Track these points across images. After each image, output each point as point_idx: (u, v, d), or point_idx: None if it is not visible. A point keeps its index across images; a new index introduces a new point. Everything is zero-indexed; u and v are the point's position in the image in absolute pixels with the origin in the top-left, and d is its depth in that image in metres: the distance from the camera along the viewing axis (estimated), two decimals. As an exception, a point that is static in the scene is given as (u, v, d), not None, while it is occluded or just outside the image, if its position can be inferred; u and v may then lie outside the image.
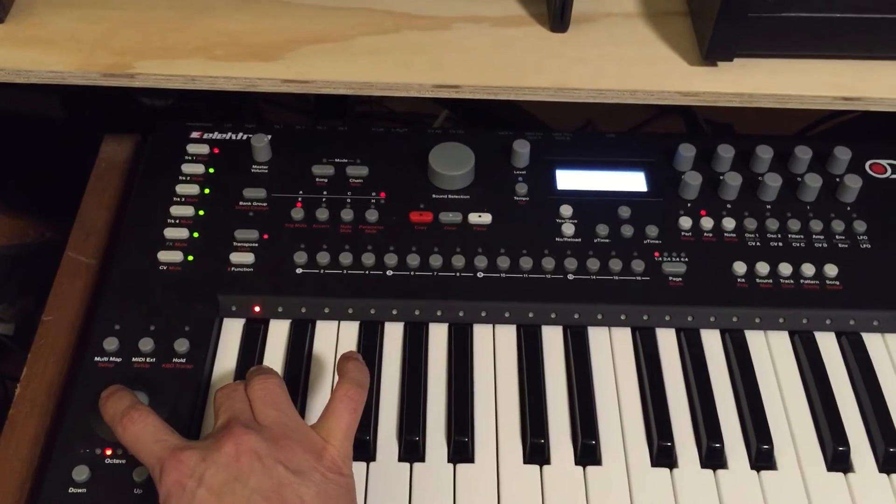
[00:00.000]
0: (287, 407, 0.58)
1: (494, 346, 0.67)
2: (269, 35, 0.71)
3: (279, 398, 0.58)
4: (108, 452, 0.60)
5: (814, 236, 0.71)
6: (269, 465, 0.53)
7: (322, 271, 0.69)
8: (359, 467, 0.61)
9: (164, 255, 0.69)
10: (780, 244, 0.71)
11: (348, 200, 0.73)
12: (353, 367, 0.60)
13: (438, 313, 0.68)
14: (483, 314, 0.68)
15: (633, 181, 0.75)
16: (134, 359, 0.64)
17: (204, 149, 0.76)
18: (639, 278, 0.69)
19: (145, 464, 0.55)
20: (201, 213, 0.72)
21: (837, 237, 0.71)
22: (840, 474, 0.61)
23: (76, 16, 0.72)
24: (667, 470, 0.61)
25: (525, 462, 0.62)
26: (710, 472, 0.61)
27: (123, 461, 0.59)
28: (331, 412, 0.57)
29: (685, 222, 0.72)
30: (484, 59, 0.70)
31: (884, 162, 0.76)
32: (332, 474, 0.54)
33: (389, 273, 0.69)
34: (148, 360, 0.64)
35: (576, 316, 0.68)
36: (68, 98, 0.95)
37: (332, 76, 0.68)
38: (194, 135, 0.77)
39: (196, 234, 0.70)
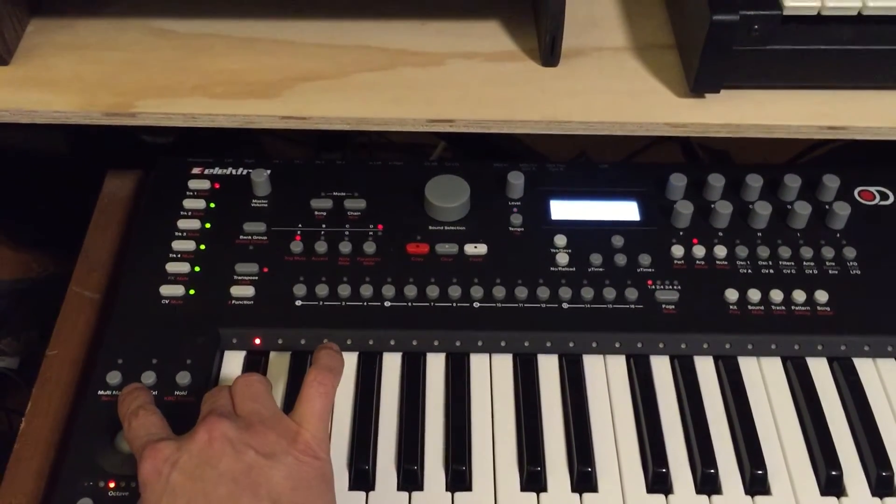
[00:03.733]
0: (266, 399, 0.59)
1: (491, 374, 0.68)
2: (267, 73, 0.73)
3: (259, 392, 0.60)
4: (112, 485, 0.61)
5: (804, 263, 0.72)
6: (240, 450, 0.54)
7: (321, 303, 0.70)
8: (358, 497, 0.62)
9: (166, 289, 0.70)
10: (772, 271, 0.72)
11: (346, 233, 0.74)
12: (325, 354, 0.62)
13: (436, 343, 0.69)
14: (479, 343, 0.69)
15: (626, 211, 0.76)
16: (136, 392, 0.65)
17: (205, 184, 0.77)
18: (632, 306, 0.70)
19: (137, 458, 0.57)
20: (202, 247, 0.73)
21: (828, 263, 0.72)
22: (833, 499, 0.62)
23: (79, 57, 0.74)
24: (662, 496, 0.62)
25: (522, 489, 0.62)
26: (705, 498, 0.62)
27: (126, 493, 0.60)
28: (303, 398, 0.59)
29: (677, 251, 0.73)
30: (477, 94, 0.72)
31: (872, 189, 0.78)
32: (306, 457, 0.56)
33: (387, 304, 0.70)
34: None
35: (571, 344, 0.69)
36: (73, 136, 0.97)
37: (329, 112, 0.70)
38: (195, 170, 0.78)
39: (197, 269, 0.72)
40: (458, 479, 0.62)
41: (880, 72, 0.69)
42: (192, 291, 0.70)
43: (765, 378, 0.68)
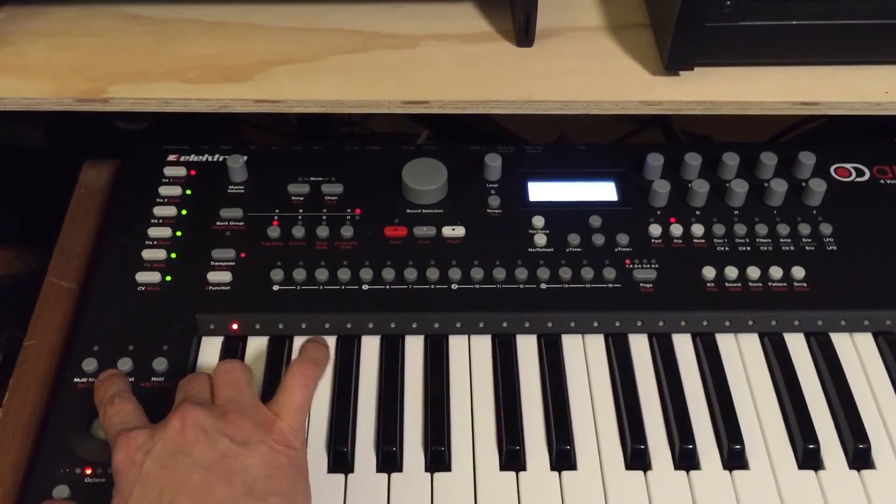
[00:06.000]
0: (244, 387, 0.60)
1: (470, 356, 0.68)
2: (241, 57, 0.73)
3: (238, 380, 0.60)
4: (89, 472, 0.60)
5: (781, 240, 0.72)
6: (214, 438, 0.54)
7: (299, 287, 0.70)
8: (337, 479, 0.62)
9: (143, 276, 0.70)
10: (748, 248, 0.72)
11: (324, 218, 0.74)
12: (311, 346, 0.63)
13: (414, 325, 0.69)
14: (458, 325, 0.69)
15: (604, 191, 0.76)
16: (113, 378, 0.65)
17: (181, 171, 0.77)
18: (610, 286, 0.70)
19: (111, 446, 0.57)
20: (179, 234, 0.73)
21: (804, 240, 0.72)
22: (811, 472, 0.62)
23: (50, 44, 0.73)
24: (641, 472, 0.62)
25: (501, 469, 0.62)
26: (683, 473, 0.62)
27: (103, 480, 0.60)
28: (283, 388, 0.60)
29: (655, 230, 0.73)
30: (452, 75, 0.72)
31: (848, 166, 0.78)
32: (281, 447, 0.56)
33: (365, 287, 0.70)
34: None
35: (549, 324, 0.69)
36: (51, 128, 0.96)
37: (303, 95, 0.70)
38: (171, 157, 0.78)
39: (174, 255, 0.71)
40: (438, 459, 0.62)
41: (853, 47, 0.70)
42: (168, 278, 0.70)
43: (742, 354, 0.68)
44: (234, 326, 0.69)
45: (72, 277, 0.76)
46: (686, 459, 0.62)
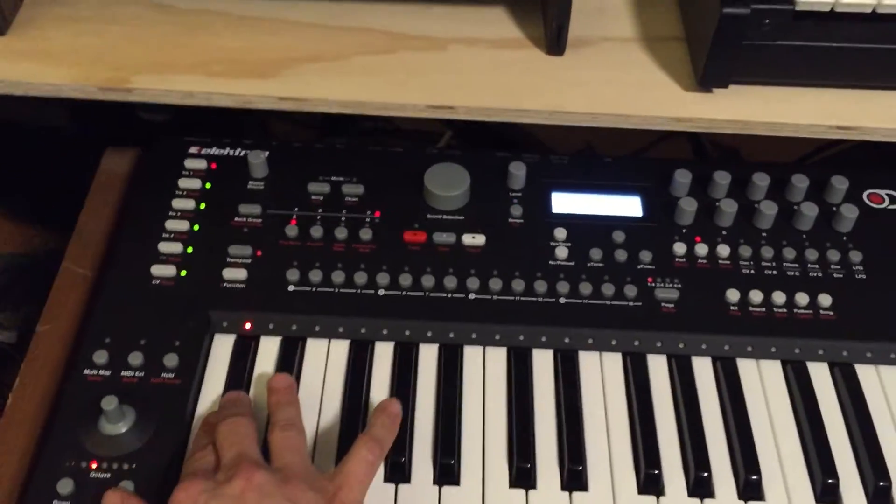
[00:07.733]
0: (304, 454, 0.59)
1: (484, 368, 0.67)
2: (267, 53, 0.72)
3: (298, 446, 0.59)
4: (94, 466, 0.60)
5: (809, 265, 0.71)
6: (277, 502, 0.54)
7: (314, 289, 0.69)
8: (343, 488, 0.61)
9: (158, 270, 0.69)
10: (775, 272, 0.70)
11: (343, 219, 0.73)
12: (380, 424, 0.61)
13: (429, 334, 0.68)
14: (473, 336, 0.68)
15: (629, 206, 0.75)
16: (123, 372, 0.64)
17: (201, 164, 0.76)
18: (631, 304, 0.68)
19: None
20: (196, 227, 0.72)
21: (832, 266, 0.71)
22: (829, 507, 0.61)
23: (77, 30, 0.73)
24: (653, 498, 0.61)
25: (511, 486, 0.61)
26: (697, 501, 0.61)
27: (108, 475, 0.60)
28: (349, 460, 0.58)
29: (679, 248, 0.71)
30: (479, 81, 0.70)
31: (882, 192, 0.76)
32: None
33: (381, 292, 0.69)
34: (137, 374, 0.64)
35: (566, 340, 0.68)
36: (76, 110, 0.96)
37: (327, 94, 0.69)
38: (192, 150, 0.77)
39: (190, 249, 0.71)
40: (446, 472, 0.61)
41: (894, 72, 0.68)
42: (183, 273, 0.69)
43: (763, 381, 0.67)
44: (248, 325, 0.68)
45: (88, 264, 0.76)
46: (700, 487, 0.61)
